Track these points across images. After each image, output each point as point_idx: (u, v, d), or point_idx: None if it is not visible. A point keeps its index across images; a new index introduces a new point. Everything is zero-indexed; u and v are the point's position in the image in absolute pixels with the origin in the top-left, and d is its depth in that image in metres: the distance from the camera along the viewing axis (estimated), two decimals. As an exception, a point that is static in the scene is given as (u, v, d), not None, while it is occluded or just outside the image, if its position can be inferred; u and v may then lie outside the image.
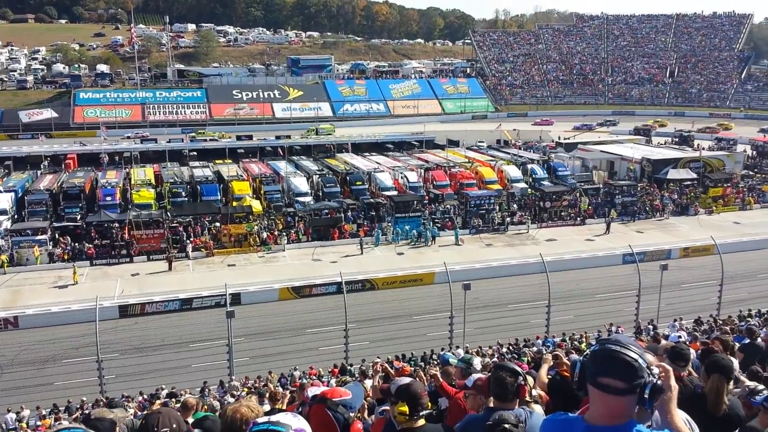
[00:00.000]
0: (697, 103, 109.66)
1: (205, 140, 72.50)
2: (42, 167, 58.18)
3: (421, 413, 4.26)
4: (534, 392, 5.80)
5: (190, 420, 9.32)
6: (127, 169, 54.13)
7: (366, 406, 7.77)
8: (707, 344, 7.65)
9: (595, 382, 2.61)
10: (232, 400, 16.71)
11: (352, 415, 3.37)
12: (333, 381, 17.73)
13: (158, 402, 16.61)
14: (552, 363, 7.62)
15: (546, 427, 2.70)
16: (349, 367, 23.48)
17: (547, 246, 41.67)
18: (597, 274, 36.56)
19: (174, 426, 3.34)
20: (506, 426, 3.43)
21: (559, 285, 30.20)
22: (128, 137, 76.36)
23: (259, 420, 2.50)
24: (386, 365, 9.54)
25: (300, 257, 40.73)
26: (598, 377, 2.65)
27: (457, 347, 23.73)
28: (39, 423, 20.27)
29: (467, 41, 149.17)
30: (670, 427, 2.84)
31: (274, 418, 2.50)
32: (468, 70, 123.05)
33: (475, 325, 29.25)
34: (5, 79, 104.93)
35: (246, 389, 20.01)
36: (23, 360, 27.65)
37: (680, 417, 2.94)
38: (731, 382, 5.34)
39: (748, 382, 5.53)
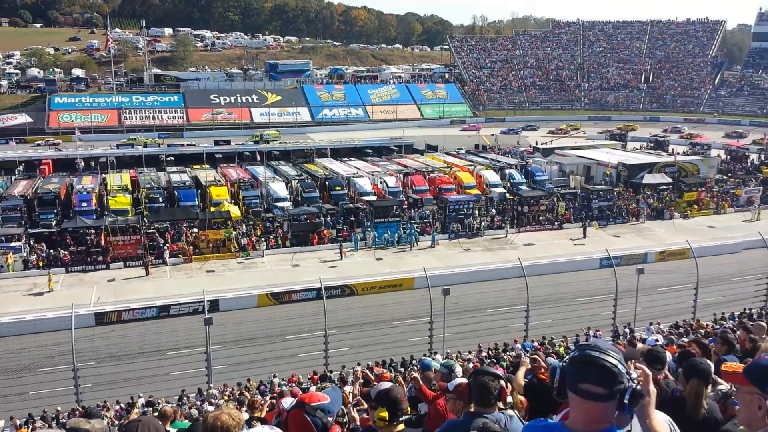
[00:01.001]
0: (672, 108, 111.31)
1: (132, 146, 71.73)
2: (16, 173, 57.28)
3: (400, 418, 4.27)
4: (510, 398, 5.83)
5: (170, 429, 9.23)
6: (103, 175, 53.49)
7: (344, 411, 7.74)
8: (683, 347, 7.74)
9: (575, 388, 2.62)
10: (210, 408, 16.55)
11: (330, 419, 3.36)
12: (313, 388, 17.67)
13: (135, 411, 16.43)
14: (530, 366, 7.67)
15: None
16: (329, 374, 23.41)
17: (525, 250, 41.96)
18: (575, 278, 36.89)
19: None
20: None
21: (538, 289, 30.43)
22: (38, 144, 75.72)
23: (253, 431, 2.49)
24: (367, 372, 9.53)
25: (279, 263, 40.55)
26: (579, 383, 2.65)
27: (436, 353, 23.79)
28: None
29: (445, 47, 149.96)
30: (649, 431, 2.87)
31: (258, 430, 2.50)
32: (446, 76, 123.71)
33: (454, 329, 29.30)
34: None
35: (225, 397, 19.86)
36: (-4, 369, 27.16)
37: (659, 420, 2.97)
38: (709, 386, 5.40)
39: (723, 385, 5.60)
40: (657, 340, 8.19)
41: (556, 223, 47.95)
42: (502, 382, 4.67)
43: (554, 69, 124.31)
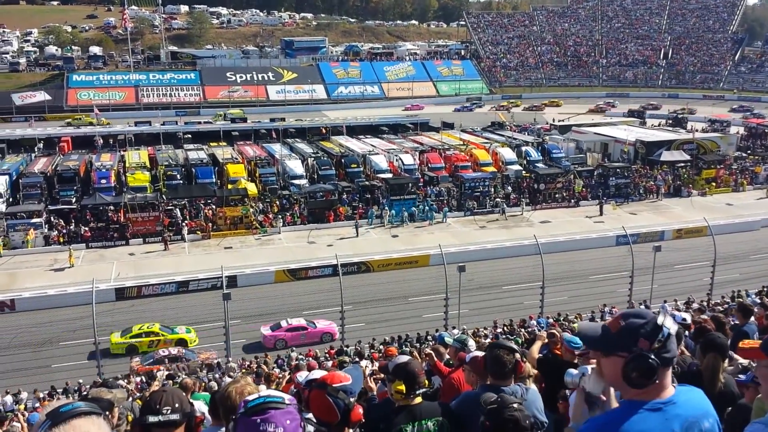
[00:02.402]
0: (691, 84, 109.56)
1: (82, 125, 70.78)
2: (36, 150, 57.88)
3: (418, 391, 4.35)
4: (527, 371, 5.92)
5: (191, 401, 9.46)
6: (122, 152, 53.90)
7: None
8: (700, 324, 7.78)
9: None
10: (229, 381, 16.85)
11: (352, 400, 3.43)
12: (329, 363, 17.90)
13: (156, 383, 16.76)
14: (546, 341, 7.75)
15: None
16: (345, 349, 23.69)
17: (541, 228, 41.85)
18: (591, 255, 36.78)
19: (176, 405, 3.38)
20: (513, 406, 3.43)
21: (554, 266, 30.41)
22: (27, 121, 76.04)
23: (251, 397, 2.55)
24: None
25: (295, 240, 40.83)
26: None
27: (453, 328, 23.95)
28: (37, 405, 20.40)
29: (462, 23, 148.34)
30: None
31: (265, 393, 2.56)
32: (462, 52, 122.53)
33: (469, 306, 29.47)
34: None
35: (243, 371, 20.18)
36: (20, 343, 27.71)
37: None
38: (726, 360, 5.45)
39: (741, 360, 5.66)
40: (684, 319, 8.20)
41: (572, 201, 47.71)
42: (518, 356, 4.75)
43: (572, 45, 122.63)
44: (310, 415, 2.50)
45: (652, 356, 2.41)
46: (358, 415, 3.38)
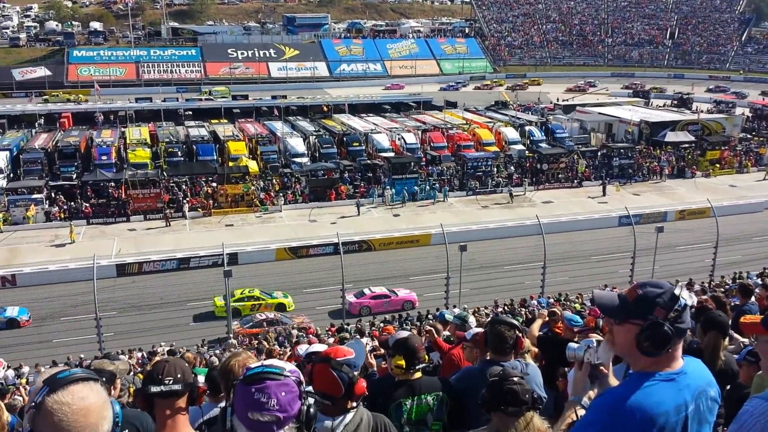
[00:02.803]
0: (697, 65, 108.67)
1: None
2: (36, 126, 57.66)
3: (417, 366, 4.32)
4: (526, 347, 5.88)
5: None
6: (123, 129, 53.67)
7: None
8: (701, 302, 7.72)
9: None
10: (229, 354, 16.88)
11: (356, 373, 3.39)
12: (330, 340, 17.93)
13: (157, 358, 16.81)
14: (547, 319, 7.70)
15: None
16: (346, 326, 23.73)
17: (543, 208, 41.73)
18: (593, 236, 36.75)
19: (179, 376, 3.36)
20: (514, 379, 3.44)
21: (555, 246, 30.40)
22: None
23: (254, 365, 2.51)
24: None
25: (297, 218, 40.78)
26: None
27: (454, 306, 23.97)
28: (39, 379, 20.49)
29: (466, 0, 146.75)
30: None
31: (266, 362, 2.52)
32: (467, 30, 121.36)
33: (470, 285, 29.49)
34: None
35: (243, 347, 20.24)
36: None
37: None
38: (726, 339, 5.42)
39: (742, 339, 5.60)
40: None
41: (575, 181, 47.54)
42: (518, 332, 4.70)
43: (577, 23, 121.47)
44: (311, 388, 2.45)
45: (668, 325, 2.40)
46: (362, 389, 3.37)
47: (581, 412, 2.90)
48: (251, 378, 2.40)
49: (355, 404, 3.38)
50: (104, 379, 2.29)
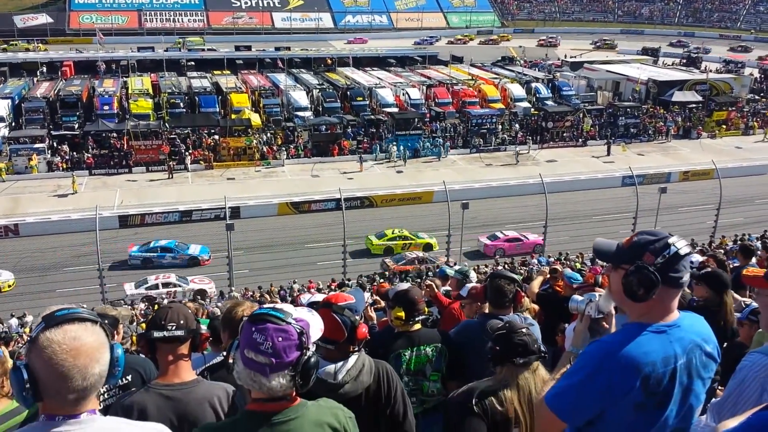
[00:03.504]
0: (708, 23, 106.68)
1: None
2: (38, 74, 57.10)
3: (417, 318, 4.34)
4: (525, 303, 5.91)
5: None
6: (124, 78, 53.13)
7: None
8: (703, 263, 7.73)
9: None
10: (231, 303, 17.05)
11: (357, 318, 3.43)
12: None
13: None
14: (547, 276, 7.72)
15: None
16: (347, 282, 23.91)
17: (547, 167, 41.51)
18: (596, 195, 36.71)
19: (182, 322, 3.38)
20: (522, 330, 3.46)
21: (558, 206, 30.41)
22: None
23: (266, 306, 2.52)
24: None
25: (299, 173, 40.68)
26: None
27: (455, 264, 24.09)
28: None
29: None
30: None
31: (278, 305, 2.53)
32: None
33: (472, 243, 29.64)
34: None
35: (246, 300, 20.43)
36: (24, 267, 28.09)
37: None
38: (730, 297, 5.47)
39: (741, 298, 5.62)
40: (693, 261, 8.22)
41: (580, 140, 47.19)
42: (518, 286, 4.71)
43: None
44: (314, 337, 2.47)
45: (652, 269, 2.42)
46: (364, 333, 3.41)
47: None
48: (255, 317, 2.43)
49: (357, 349, 3.41)
50: (106, 322, 2.27)
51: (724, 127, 50.80)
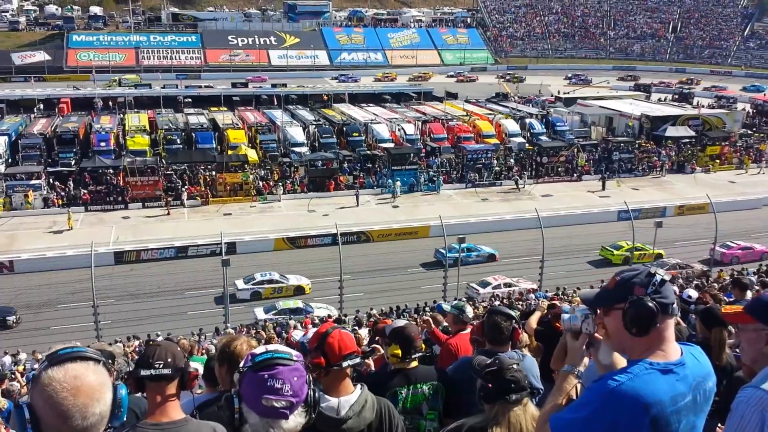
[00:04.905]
0: (699, 59, 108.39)
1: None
2: (35, 111, 57.46)
3: (414, 355, 4.30)
4: (524, 339, 5.87)
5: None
6: (121, 115, 53.49)
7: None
8: (700, 298, 7.72)
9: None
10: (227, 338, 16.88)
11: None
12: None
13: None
14: (545, 312, 7.67)
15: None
16: (343, 318, 23.74)
17: (543, 201, 41.69)
18: (592, 230, 36.77)
19: (169, 360, 3.34)
20: (513, 367, 3.43)
21: (554, 240, 30.41)
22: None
23: (258, 351, 2.49)
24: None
25: (295, 208, 40.72)
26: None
27: (454, 299, 23.97)
28: (36, 366, 20.46)
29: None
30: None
31: (271, 347, 2.51)
32: (468, 20, 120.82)
33: (469, 278, 29.54)
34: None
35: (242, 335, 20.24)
36: (19, 304, 27.88)
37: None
38: (727, 333, 5.44)
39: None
40: (690, 296, 8.20)
41: (575, 175, 47.48)
42: (515, 323, 4.69)
43: (580, 15, 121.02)
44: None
45: (649, 299, 2.46)
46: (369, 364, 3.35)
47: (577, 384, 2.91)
48: (262, 364, 2.40)
49: (359, 386, 3.38)
50: (110, 361, 2.25)
51: (718, 161, 51.21)
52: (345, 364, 3.29)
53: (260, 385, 2.36)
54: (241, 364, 2.49)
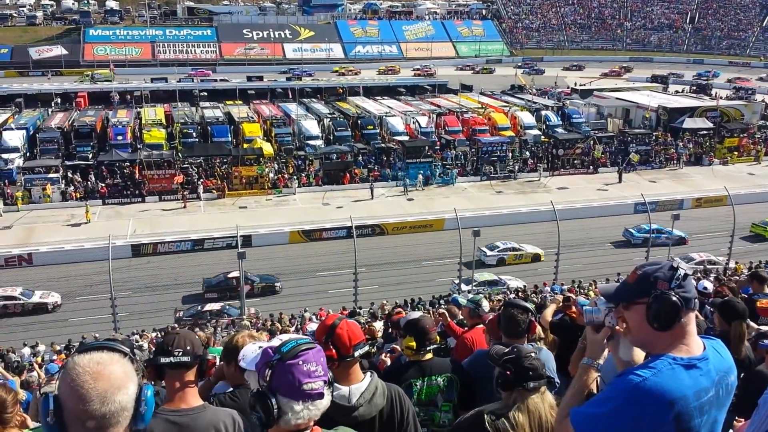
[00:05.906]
0: (717, 50, 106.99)
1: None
2: (53, 105, 57.99)
3: (428, 347, 4.30)
4: (539, 332, 5.86)
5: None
6: (138, 109, 53.85)
7: (376, 346, 7.87)
8: (717, 291, 7.64)
9: None
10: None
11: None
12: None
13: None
14: (560, 305, 7.65)
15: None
16: (358, 310, 23.78)
17: (558, 194, 41.43)
18: (608, 222, 36.52)
19: (188, 348, 3.39)
20: (531, 355, 3.44)
21: (570, 233, 30.30)
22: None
23: (275, 343, 2.51)
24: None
25: (310, 201, 40.81)
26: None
27: (469, 292, 23.94)
28: (54, 357, 20.73)
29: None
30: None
31: (284, 337, 2.54)
32: (484, 12, 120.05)
33: (484, 271, 29.48)
34: (15, 15, 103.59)
35: (255, 328, 20.34)
36: (38, 296, 28.15)
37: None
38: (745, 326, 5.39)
39: (757, 327, 5.54)
40: (706, 288, 8.12)
41: (591, 167, 47.13)
42: (531, 316, 4.67)
43: (596, 6, 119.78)
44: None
45: (673, 293, 2.44)
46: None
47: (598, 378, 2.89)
48: (292, 352, 2.44)
49: (369, 373, 3.39)
50: (136, 357, 2.30)
51: (736, 153, 50.60)
52: (356, 354, 3.29)
53: (298, 372, 2.40)
54: (265, 360, 2.47)
